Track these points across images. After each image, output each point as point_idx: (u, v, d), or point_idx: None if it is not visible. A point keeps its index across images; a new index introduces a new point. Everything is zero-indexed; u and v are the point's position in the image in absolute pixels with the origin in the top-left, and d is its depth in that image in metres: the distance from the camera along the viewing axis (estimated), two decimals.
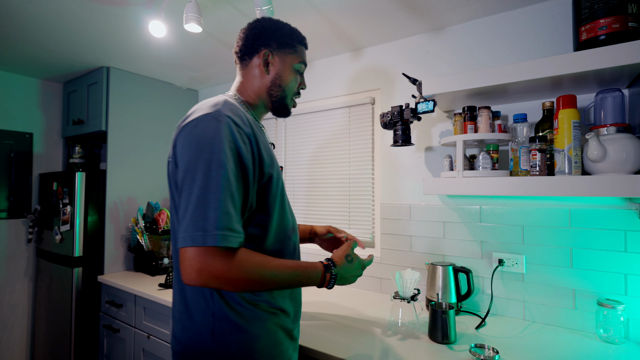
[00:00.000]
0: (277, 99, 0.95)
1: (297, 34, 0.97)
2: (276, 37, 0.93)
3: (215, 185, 0.68)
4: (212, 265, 0.66)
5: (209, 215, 0.67)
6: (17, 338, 2.25)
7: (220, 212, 0.67)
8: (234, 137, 0.73)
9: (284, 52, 0.94)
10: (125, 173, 2.15)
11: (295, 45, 0.96)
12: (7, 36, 1.70)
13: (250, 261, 0.71)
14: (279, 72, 0.94)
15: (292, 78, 0.95)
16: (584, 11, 1.07)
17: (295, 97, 1.00)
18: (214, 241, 0.66)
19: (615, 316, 1.12)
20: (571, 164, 1.06)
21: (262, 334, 0.81)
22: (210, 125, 0.73)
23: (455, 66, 1.54)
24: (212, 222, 0.66)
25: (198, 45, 1.81)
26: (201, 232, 0.66)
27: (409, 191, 1.65)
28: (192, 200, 0.68)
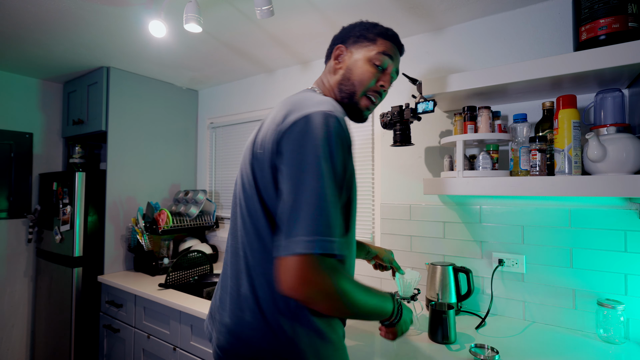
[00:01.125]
0: (346, 94, 0.86)
1: (380, 27, 0.88)
2: (354, 31, 0.88)
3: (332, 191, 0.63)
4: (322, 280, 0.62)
5: (330, 222, 0.61)
6: (17, 338, 2.25)
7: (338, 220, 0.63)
8: (342, 140, 0.68)
9: (360, 45, 0.86)
10: (125, 173, 2.15)
11: (375, 38, 0.86)
12: (7, 36, 1.70)
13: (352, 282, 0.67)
14: (351, 65, 0.86)
15: (365, 70, 0.84)
16: (584, 11, 1.07)
17: (371, 96, 0.87)
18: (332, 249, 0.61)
19: (615, 316, 1.12)
20: (571, 164, 1.06)
21: (335, 336, 0.76)
22: (328, 122, 0.66)
23: (456, 66, 1.54)
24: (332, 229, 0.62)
25: (198, 45, 1.81)
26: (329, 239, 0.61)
27: (409, 191, 1.65)
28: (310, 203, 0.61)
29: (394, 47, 0.89)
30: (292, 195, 0.63)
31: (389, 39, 0.87)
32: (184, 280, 1.86)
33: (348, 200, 0.74)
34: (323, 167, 0.63)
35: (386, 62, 0.86)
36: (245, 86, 2.35)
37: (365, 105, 0.88)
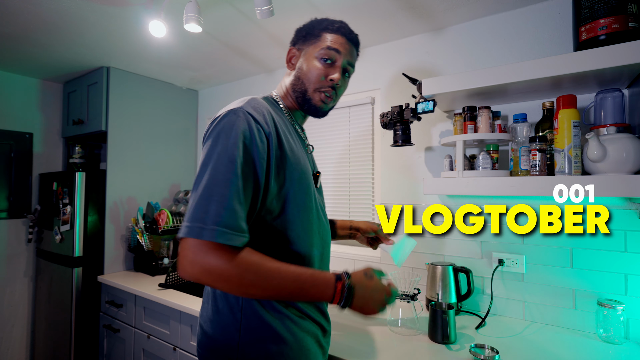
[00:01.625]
0: (299, 93, 0.88)
1: (324, 22, 0.88)
2: (301, 32, 0.90)
3: (223, 179, 0.66)
4: (205, 259, 0.64)
5: (209, 209, 0.65)
6: (17, 338, 2.25)
7: (223, 207, 0.65)
8: (252, 133, 0.71)
9: (307, 44, 0.88)
10: (125, 173, 2.15)
11: (320, 34, 0.86)
12: (7, 36, 1.70)
13: (248, 261, 0.67)
14: (300, 64, 0.88)
15: (311, 67, 0.85)
16: (584, 11, 1.07)
17: (323, 91, 0.87)
18: (211, 236, 0.63)
19: (615, 316, 1.12)
20: (571, 164, 1.06)
21: (290, 335, 0.78)
22: (230, 120, 0.71)
23: (455, 66, 1.54)
24: (213, 216, 0.64)
25: (198, 45, 1.81)
26: (199, 224, 0.64)
27: (409, 191, 1.65)
28: (197, 192, 0.67)
29: (344, 39, 0.87)
30: (194, 184, 0.69)
31: (335, 32, 0.87)
32: (184, 280, 1.86)
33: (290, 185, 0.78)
34: (214, 160, 0.67)
35: (333, 56, 0.86)
36: (245, 86, 2.35)
37: (320, 100, 0.87)
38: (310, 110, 0.90)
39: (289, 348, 0.78)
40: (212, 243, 0.64)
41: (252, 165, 0.71)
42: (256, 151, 0.71)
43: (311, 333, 0.83)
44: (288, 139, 0.81)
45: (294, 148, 0.82)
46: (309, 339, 0.82)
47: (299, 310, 0.82)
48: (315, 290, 0.72)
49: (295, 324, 0.79)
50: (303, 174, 0.81)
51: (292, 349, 0.78)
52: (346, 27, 0.89)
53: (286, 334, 0.78)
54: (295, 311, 0.81)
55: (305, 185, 0.82)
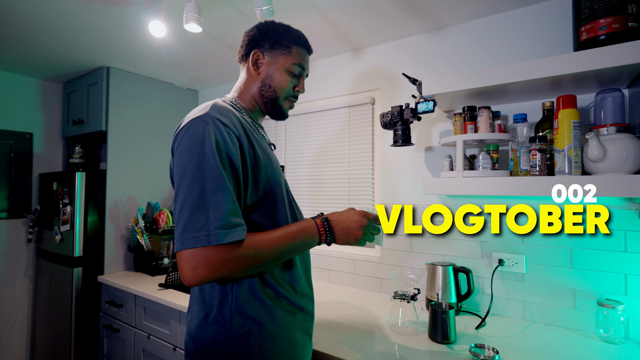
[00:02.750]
0: (268, 100, 0.93)
1: (293, 34, 0.94)
2: (268, 38, 0.92)
3: (211, 187, 0.69)
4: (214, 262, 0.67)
5: (209, 217, 0.67)
6: (17, 338, 2.25)
7: (221, 211, 0.68)
8: (223, 137, 0.73)
9: (276, 53, 0.92)
10: (125, 173, 2.15)
11: (290, 46, 0.92)
12: (7, 36, 1.70)
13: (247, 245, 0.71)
14: (270, 73, 0.92)
15: (283, 79, 0.92)
16: (584, 11, 1.07)
17: (290, 100, 0.96)
18: (216, 240, 0.67)
19: (615, 316, 1.12)
20: (571, 164, 1.06)
21: (281, 332, 0.81)
22: (199, 128, 0.73)
23: (455, 66, 1.54)
24: (213, 222, 0.67)
25: (198, 45, 1.81)
26: (204, 232, 0.67)
27: (409, 191, 1.65)
28: (187, 203, 0.69)
29: (306, 54, 0.97)
30: (177, 195, 0.72)
31: (301, 46, 0.95)
32: None
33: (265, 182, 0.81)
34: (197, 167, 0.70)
35: (299, 71, 0.94)
36: None
37: (287, 107, 0.97)
38: (277, 115, 0.97)
39: (278, 342, 0.80)
40: (217, 247, 0.67)
41: (231, 167, 0.73)
42: (231, 153, 0.74)
43: (301, 326, 0.86)
44: (256, 138, 0.84)
45: (263, 146, 0.85)
46: (298, 332, 0.85)
47: (291, 304, 0.84)
48: (304, 234, 0.79)
49: (285, 319, 0.82)
50: (275, 169, 0.86)
51: (282, 344, 0.80)
52: (308, 42, 0.98)
53: (275, 328, 0.80)
54: (287, 304, 0.83)
55: (278, 180, 0.86)
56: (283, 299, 0.83)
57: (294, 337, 0.84)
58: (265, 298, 0.80)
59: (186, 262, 0.67)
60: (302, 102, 2.07)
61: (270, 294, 0.81)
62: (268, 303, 0.80)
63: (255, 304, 0.79)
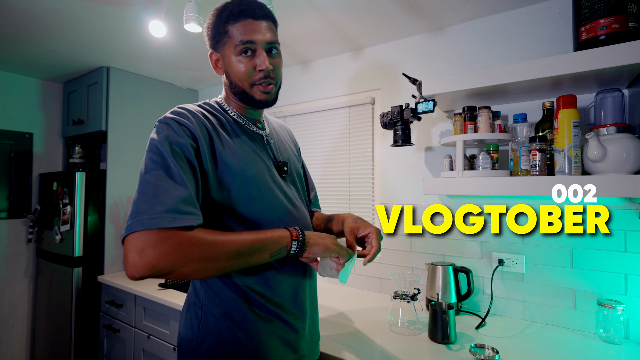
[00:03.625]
0: (239, 95, 0.86)
1: (225, 13, 0.82)
2: (209, 33, 0.86)
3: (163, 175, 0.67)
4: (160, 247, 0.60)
5: (157, 201, 0.64)
6: (17, 338, 2.25)
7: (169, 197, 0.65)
8: (177, 134, 0.73)
9: (221, 45, 0.84)
10: (125, 173, 2.15)
11: (226, 30, 0.81)
12: (7, 36, 1.70)
13: (204, 235, 0.66)
14: (226, 69, 0.85)
15: (237, 68, 0.82)
16: (584, 11, 1.07)
17: (260, 85, 0.83)
18: (162, 223, 0.61)
19: (615, 316, 1.12)
20: (571, 164, 1.06)
21: (248, 338, 0.77)
22: (157, 130, 0.74)
23: (455, 66, 1.54)
24: (160, 206, 0.63)
25: (198, 45, 1.80)
26: (148, 216, 0.62)
27: (409, 191, 1.65)
28: (140, 192, 0.66)
29: (250, 20, 0.81)
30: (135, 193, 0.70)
31: (238, 18, 0.80)
32: (184, 280, 1.86)
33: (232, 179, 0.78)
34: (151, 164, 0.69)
35: (248, 47, 0.80)
36: None
37: (261, 93, 0.84)
38: (259, 105, 0.86)
39: (244, 350, 0.77)
40: (166, 230, 0.62)
41: (187, 163, 0.72)
42: (185, 150, 0.72)
43: (277, 335, 0.81)
44: (224, 136, 0.81)
45: (232, 144, 0.81)
46: (274, 341, 0.80)
47: (267, 310, 0.80)
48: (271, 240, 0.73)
49: (254, 326, 0.78)
50: (247, 167, 0.80)
51: (248, 352, 0.77)
52: (246, 6, 0.81)
53: (241, 334, 0.77)
54: (260, 311, 0.79)
55: (253, 178, 0.81)
56: (256, 304, 0.79)
57: (266, 347, 0.79)
58: (235, 299, 0.78)
59: (132, 246, 0.60)
60: (302, 102, 2.07)
61: (242, 295, 0.78)
62: (238, 305, 0.78)
63: (224, 305, 0.78)
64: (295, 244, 0.76)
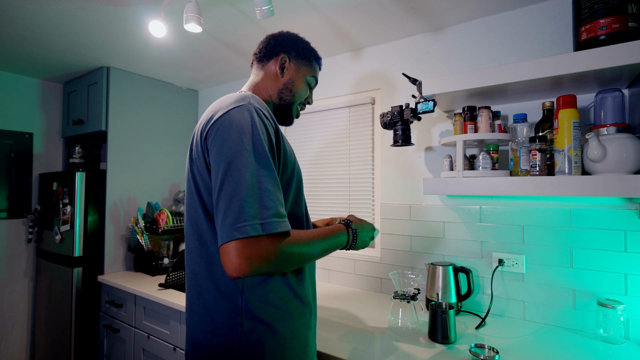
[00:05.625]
0: (285, 102, 0.98)
1: (313, 50, 1.03)
2: (296, 48, 0.98)
3: (265, 175, 0.69)
4: (263, 250, 0.65)
5: (265, 204, 0.66)
6: (17, 338, 2.25)
7: (273, 200, 0.68)
8: (266, 127, 0.75)
9: (301, 63, 0.99)
10: (125, 173, 2.15)
11: (312, 60, 1.01)
12: (7, 36, 1.70)
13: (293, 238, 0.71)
14: (292, 78, 0.98)
15: (303, 87, 1.00)
16: (584, 11, 1.07)
17: (300, 108, 1.03)
18: (271, 228, 0.66)
19: (615, 316, 1.12)
20: (571, 164, 1.06)
21: (293, 334, 0.80)
22: (244, 116, 0.72)
23: (455, 66, 1.54)
24: (267, 210, 0.66)
25: (198, 45, 1.81)
26: (258, 221, 0.65)
27: (409, 191, 1.65)
28: (238, 193, 0.66)
29: (318, 69, 1.06)
30: (224, 185, 0.68)
31: (318, 62, 1.04)
32: (184, 280, 1.86)
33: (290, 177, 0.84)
34: (247, 155, 0.68)
35: (314, 84, 1.04)
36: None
37: (297, 113, 1.04)
38: (285, 119, 1.02)
39: (289, 345, 0.78)
40: (271, 237, 0.66)
41: (275, 157, 0.76)
42: (273, 144, 0.76)
43: (310, 326, 0.85)
44: (282, 134, 0.85)
45: (287, 141, 0.88)
46: (309, 333, 0.85)
47: (302, 303, 0.83)
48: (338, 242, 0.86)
49: (296, 321, 0.81)
50: (297, 163, 0.90)
51: (293, 346, 0.79)
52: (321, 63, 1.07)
53: (286, 332, 0.78)
54: (299, 305, 0.82)
55: (300, 174, 0.91)
56: (296, 299, 0.82)
57: (305, 339, 0.83)
58: (277, 300, 0.78)
59: (240, 251, 0.64)
60: None
61: (283, 295, 0.79)
62: (279, 305, 0.78)
63: (266, 306, 0.77)
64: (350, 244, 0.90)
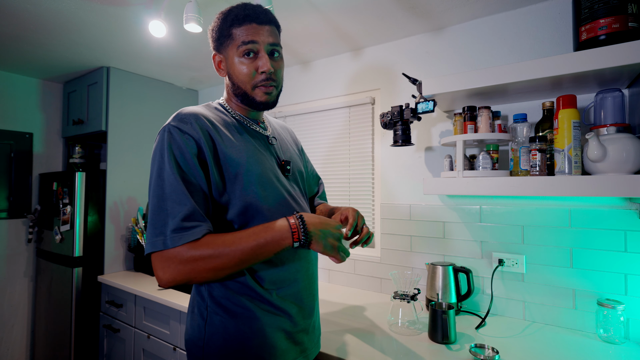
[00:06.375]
0: (241, 97, 0.87)
1: (230, 17, 0.84)
2: (213, 36, 0.88)
3: (169, 192, 0.73)
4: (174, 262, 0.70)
5: (166, 221, 0.71)
6: (17, 338, 2.25)
7: (175, 215, 0.71)
8: (180, 143, 0.76)
9: (225, 47, 0.86)
10: (125, 173, 2.15)
11: (230, 32, 0.83)
12: (7, 36, 1.70)
13: (206, 241, 0.72)
14: (229, 70, 0.87)
15: (240, 69, 0.84)
16: (584, 11, 1.07)
17: (262, 87, 0.85)
18: (172, 243, 0.70)
19: (615, 316, 1.12)
20: (571, 164, 1.06)
21: (253, 333, 0.80)
22: (159, 138, 0.77)
23: (455, 66, 1.54)
24: (169, 226, 0.71)
25: (198, 45, 1.81)
26: (161, 237, 0.71)
27: (409, 191, 1.65)
28: (150, 210, 0.74)
29: (254, 24, 0.83)
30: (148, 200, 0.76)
31: (242, 22, 0.83)
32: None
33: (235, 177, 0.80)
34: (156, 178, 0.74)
35: (252, 48, 0.83)
36: None
37: (262, 96, 0.86)
38: (259, 107, 0.88)
39: (250, 344, 0.80)
40: (175, 250, 0.71)
41: (190, 171, 0.75)
42: (189, 158, 0.75)
43: (281, 329, 0.84)
44: (227, 137, 0.82)
45: (237, 144, 0.83)
46: (278, 334, 0.83)
47: (270, 304, 0.83)
48: (272, 233, 0.74)
49: (259, 321, 0.81)
50: (252, 166, 0.82)
51: (254, 346, 0.80)
52: (251, 11, 0.84)
53: (247, 330, 0.80)
54: (266, 306, 0.82)
55: (258, 176, 0.82)
56: (260, 299, 0.81)
57: (272, 340, 0.81)
58: (238, 297, 0.80)
59: (155, 264, 0.72)
60: (302, 102, 2.07)
61: (247, 292, 0.81)
62: (241, 303, 0.80)
63: (228, 303, 0.80)
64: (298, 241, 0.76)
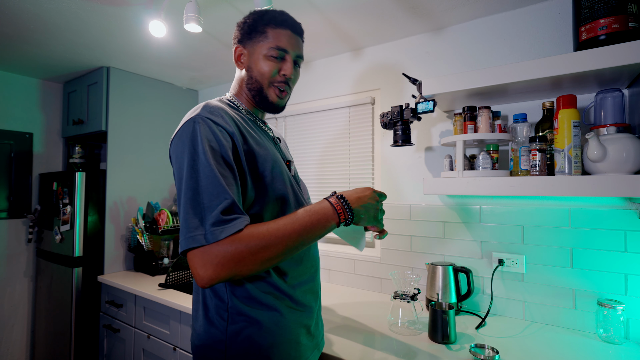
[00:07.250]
0: (255, 91, 0.89)
1: (268, 17, 0.87)
2: (243, 29, 0.89)
3: (205, 185, 0.69)
4: (216, 258, 0.65)
5: (204, 216, 0.67)
6: (17, 338, 2.25)
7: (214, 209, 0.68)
8: (214, 135, 0.73)
9: (254, 42, 0.87)
10: (125, 173, 2.15)
11: (265, 31, 0.86)
12: (7, 36, 1.70)
13: (250, 232, 0.68)
14: (251, 64, 0.88)
15: (263, 65, 0.86)
16: (584, 11, 1.07)
17: (277, 86, 0.88)
18: (214, 237, 0.66)
19: (615, 316, 1.12)
20: (571, 164, 1.06)
21: (281, 330, 0.79)
22: (189, 129, 0.74)
23: (455, 66, 1.54)
24: (208, 220, 0.67)
25: (198, 45, 1.81)
26: (200, 232, 0.66)
27: (409, 191, 1.65)
28: (184, 204, 0.70)
29: (289, 31, 0.87)
30: (178, 197, 0.72)
31: (280, 26, 0.86)
32: (184, 280, 1.86)
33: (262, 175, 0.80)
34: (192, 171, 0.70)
35: (281, 54, 0.86)
36: None
37: (276, 95, 0.89)
38: (268, 107, 0.91)
39: (278, 343, 0.79)
40: (217, 244, 0.66)
41: (225, 163, 0.73)
42: (224, 151, 0.73)
43: (303, 325, 0.85)
44: (252, 134, 0.83)
45: (260, 142, 0.84)
46: (301, 330, 0.84)
47: (293, 301, 0.83)
48: (317, 216, 0.74)
49: (284, 318, 0.80)
50: (275, 163, 0.84)
51: (282, 343, 0.79)
52: (289, 19, 0.89)
53: (275, 328, 0.79)
54: (289, 302, 0.82)
55: (279, 174, 0.84)
56: (284, 297, 0.81)
57: (297, 336, 0.82)
58: (263, 295, 0.79)
59: (194, 262, 0.66)
60: (302, 102, 2.07)
61: (269, 291, 0.80)
62: (266, 301, 0.79)
63: (252, 302, 0.78)
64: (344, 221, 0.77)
